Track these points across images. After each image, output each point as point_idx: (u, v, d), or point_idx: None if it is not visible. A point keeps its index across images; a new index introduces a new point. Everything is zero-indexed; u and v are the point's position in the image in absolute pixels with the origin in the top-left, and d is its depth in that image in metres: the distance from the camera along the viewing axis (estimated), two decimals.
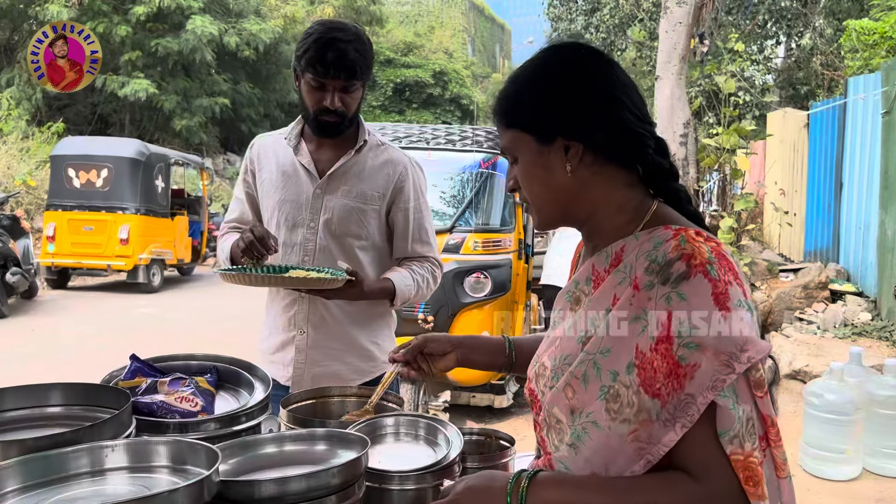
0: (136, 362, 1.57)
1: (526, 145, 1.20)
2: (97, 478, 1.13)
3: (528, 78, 1.23)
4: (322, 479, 1.20)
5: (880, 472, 4.50)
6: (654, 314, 1.06)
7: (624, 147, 1.18)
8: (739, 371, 1.03)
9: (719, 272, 1.06)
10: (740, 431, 1.04)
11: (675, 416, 1.04)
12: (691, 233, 1.11)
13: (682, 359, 1.04)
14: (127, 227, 11.83)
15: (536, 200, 1.24)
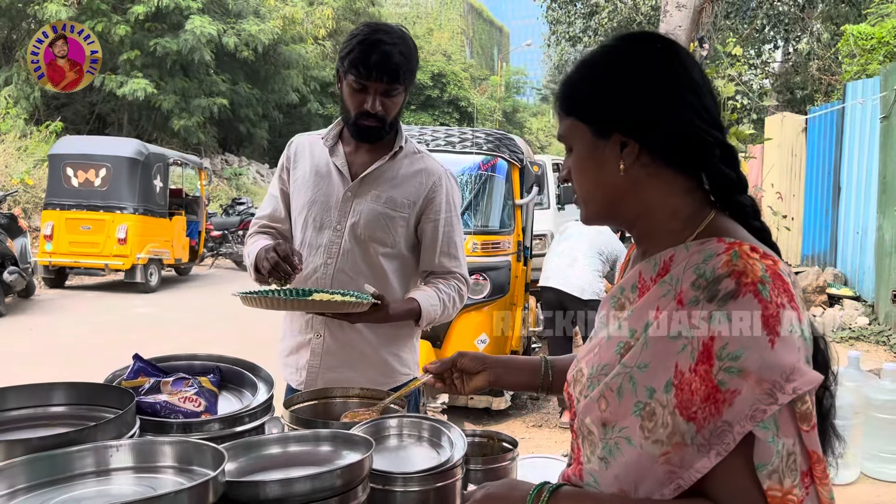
0: (138, 362, 1.57)
1: (582, 136, 1.15)
2: (102, 477, 1.13)
3: (594, 66, 1.16)
4: (327, 481, 1.20)
5: (878, 476, 4.51)
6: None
7: (686, 152, 1.11)
8: (783, 402, 0.96)
9: (772, 293, 0.98)
10: (780, 466, 0.97)
11: (711, 442, 0.98)
12: (746, 248, 1.02)
13: (721, 383, 0.97)
14: (125, 226, 11.81)
15: (585, 194, 1.18)
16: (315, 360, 2.20)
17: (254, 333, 8.46)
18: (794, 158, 10.60)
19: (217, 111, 21.57)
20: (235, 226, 15.57)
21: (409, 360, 2.27)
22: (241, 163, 24.98)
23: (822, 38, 16.64)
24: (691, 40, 8.48)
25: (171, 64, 20.60)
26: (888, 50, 10.00)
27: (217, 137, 24.45)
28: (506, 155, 5.61)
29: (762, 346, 0.96)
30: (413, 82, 2.16)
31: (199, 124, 21.41)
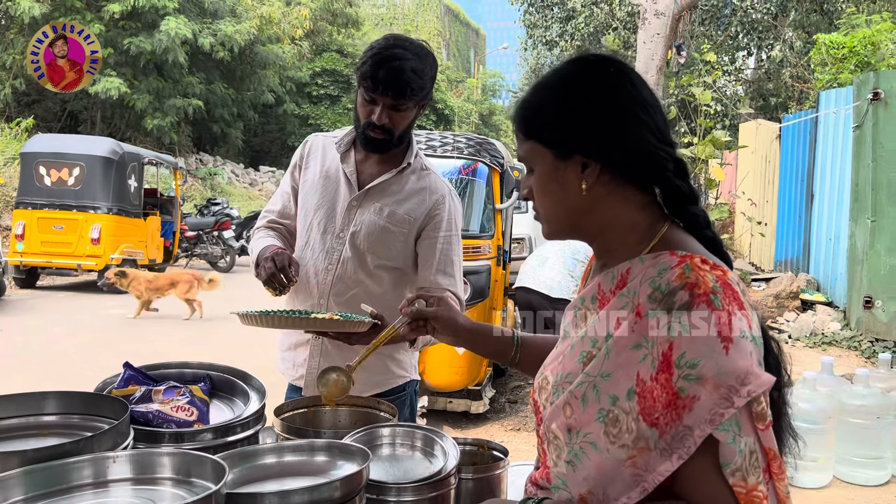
0: (129, 370, 1.56)
1: (543, 158, 1.19)
2: (100, 489, 1.12)
3: (552, 90, 1.20)
4: (325, 492, 1.20)
5: (850, 479, 4.57)
6: (656, 343, 1.04)
7: (642, 168, 1.16)
8: (739, 405, 1.00)
9: (723, 302, 1.04)
10: (743, 465, 1.02)
11: (672, 446, 1.02)
12: (696, 260, 1.08)
13: (681, 390, 1.01)
14: (98, 226, 11.66)
15: (547, 212, 1.23)
16: (314, 361, 2.21)
17: (229, 334, 8.39)
18: (767, 165, 10.74)
19: (191, 111, 21.38)
20: (210, 226, 15.43)
21: (406, 362, 2.28)
22: (216, 162, 24.77)
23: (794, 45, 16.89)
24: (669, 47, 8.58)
25: (145, 63, 20.38)
26: (859, 59, 10.18)
27: (191, 137, 24.23)
28: (486, 159, 5.63)
29: (717, 352, 1.01)
30: (427, 98, 2.17)
31: (173, 124, 21.20)
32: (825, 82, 10.54)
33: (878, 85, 7.05)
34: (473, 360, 5.32)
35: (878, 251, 7.01)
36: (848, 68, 10.51)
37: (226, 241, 15.45)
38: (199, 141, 25.09)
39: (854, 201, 7.39)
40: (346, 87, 28.72)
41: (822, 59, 11.31)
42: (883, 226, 7.00)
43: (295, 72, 27.48)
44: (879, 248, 7.00)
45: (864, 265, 7.13)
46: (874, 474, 4.58)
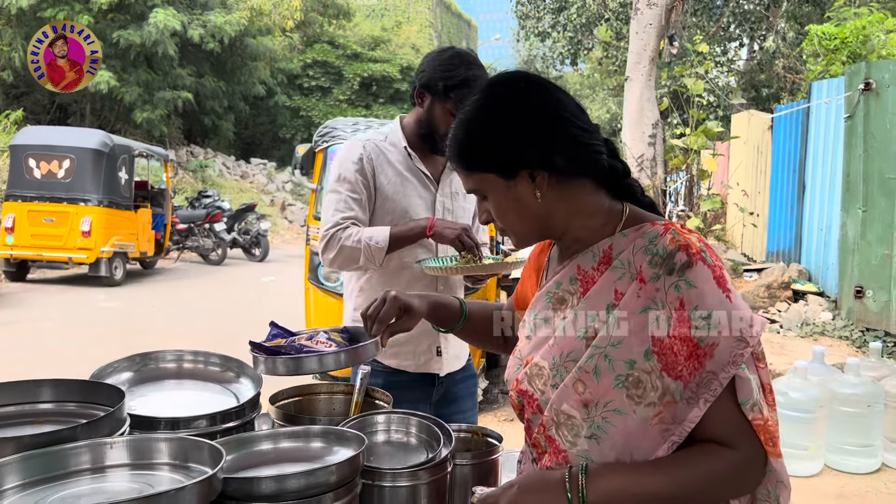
0: (275, 328, 1.69)
1: (492, 184, 1.26)
2: (98, 475, 1.12)
3: (478, 120, 1.27)
4: (320, 477, 1.20)
5: (841, 468, 4.62)
6: (666, 303, 1.14)
7: (581, 161, 1.25)
8: (752, 344, 1.13)
9: (713, 258, 1.17)
10: (758, 399, 1.15)
11: (699, 393, 1.12)
12: (678, 226, 1.20)
13: (700, 340, 1.12)
14: (89, 219, 11.60)
15: (514, 227, 1.30)
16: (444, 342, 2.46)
17: (222, 326, 8.38)
18: (759, 156, 10.77)
19: (182, 104, 21.26)
20: (201, 219, 15.38)
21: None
22: (207, 155, 24.66)
23: (786, 36, 16.92)
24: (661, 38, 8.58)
25: (135, 56, 20.25)
26: (851, 50, 10.19)
27: (182, 129, 24.09)
28: None
29: (724, 301, 1.13)
30: None
31: (163, 116, 21.08)
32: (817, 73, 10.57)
33: (869, 75, 7.06)
34: None
35: (869, 241, 7.05)
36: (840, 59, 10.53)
37: (217, 234, 15.40)
38: (189, 133, 24.95)
39: (845, 192, 7.42)
40: (338, 79, 28.59)
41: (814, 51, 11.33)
42: (874, 216, 7.03)
43: (286, 63, 27.33)
44: (870, 238, 7.04)
45: (856, 255, 7.16)
46: (865, 462, 4.62)
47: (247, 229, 16.32)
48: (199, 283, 12.94)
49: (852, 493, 4.32)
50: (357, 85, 28.36)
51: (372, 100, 28.71)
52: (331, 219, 2.39)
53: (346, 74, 28.34)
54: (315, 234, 5.38)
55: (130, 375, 1.59)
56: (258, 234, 16.20)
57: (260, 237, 16.21)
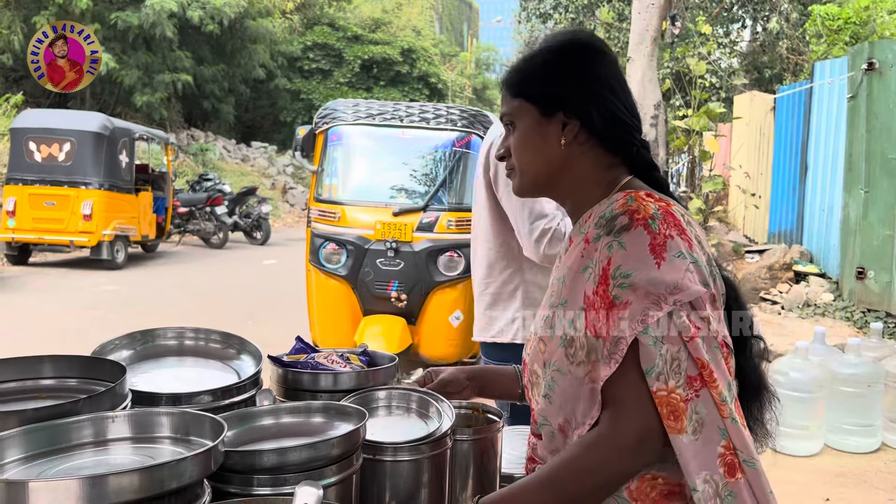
0: (299, 343, 1.77)
1: (528, 114, 1.30)
2: (100, 448, 1.13)
3: (542, 57, 1.33)
4: (322, 450, 1.21)
5: (840, 447, 4.64)
6: (598, 261, 1.18)
7: (614, 134, 1.28)
8: (666, 310, 1.12)
9: (661, 227, 1.16)
10: (664, 369, 1.12)
11: (612, 353, 1.14)
12: (642, 193, 1.22)
13: (615, 298, 1.14)
14: (90, 202, 11.60)
15: (525, 166, 1.33)
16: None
17: (224, 309, 8.41)
18: (762, 137, 10.73)
19: (181, 87, 21.18)
20: (203, 202, 15.37)
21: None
22: (208, 138, 24.62)
23: (790, 17, 16.79)
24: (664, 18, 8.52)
25: (134, 38, 20.15)
26: (854, 30, 10.14)
27: (182, 112, 24.03)
28: (480, 132, 5.60)
29: (649, 266, 1.14)
30: None
31: (163, 100, 21.02)
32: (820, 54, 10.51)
33: (872, 55, 7.03)
34: (467, 333, 5.34)
35: (871, 222, 7.04)
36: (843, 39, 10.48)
37: (218, 217, 15.40)
38: (189, 117, 24.89)
39: (848, 172, 7.40)
40: (338, 61, 28.48)
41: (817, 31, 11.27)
42: (876, 196, 7.01)
43: (286, 46, 27.21)
44: (872, 218, 7.03)
45: (857, 236, 7.15)
46: (864, 442, 4.64)
47: (248, 213, 16.33)
48: (200, 267, 12.96)
49: (852, 472, 4.34)
50: (358, 67, 28.26)
51: (373, 82, 28.62)
52: (553, 211, 2.31)
53: (347, 57, 28.23)
54: (316, 215, 5.38)
55: (132, 353, 1.59)
56: (259, 217, 16.21)
57: (261, 220, 16.22)
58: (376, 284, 5.11)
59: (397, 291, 5.11)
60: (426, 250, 5.15)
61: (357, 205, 5.36)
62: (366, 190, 5.57)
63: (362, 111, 5.61)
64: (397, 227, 5.15)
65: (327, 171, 5.60)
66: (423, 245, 5.15)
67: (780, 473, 4.24)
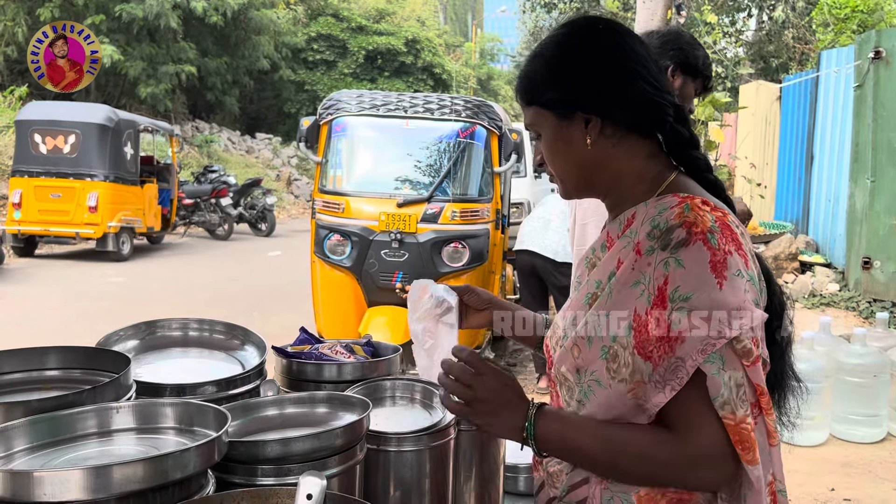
0: (304, 334, 1.77)
1: (547, 121, 1.23)
2: (104, 438, 1.13)
3: (545, 56, 1.25)
4: (325, 440, 1.21)
5: (846, 437, 4.63)
6: (653, 279, 1.09)
7: (643, 117, 1.20)
8: (729, 336, 1.05)
9: (720, 241, 1.08)
10: (730, 398, 1.06)
11: (666, 378, 1.07)
12: (697, 201, 1.12)
13: (674, 323, 1.06)
14: (95, 194, 11.62)
15: (560, 173, 1.27)
16: None
17: (229, 300, 8.43)
18: (768, 127, 10.69)
19: (185, 78, 21.16)
20: (208, 194, 15.38)
21: None
22: (213, 130, 24.61)
23: (796, 6, 16.68)
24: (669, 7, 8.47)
25: (138, 30, 20.13)
26: (861, 19, 10.08)
27: (186, 104, 24.02)
28: (484, 122, 5.59)
29: (711, 287, 1.06)
30: None
31: (168, 91, 21.01)
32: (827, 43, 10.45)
33: (879, 44, 6.98)
34: None
35: (877, 212, 7.01)
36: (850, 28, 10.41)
37: (223, 209, 15.42)
38: (194, 108, 24.88)
39: (854, 162, 7.37)
40: (343, 52, 28.41)
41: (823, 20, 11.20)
42: (882, 186, 6.98)
43: (290, 37, 27.15)
44: (878, 208, 7.00)
45: (863, 226, 7.13)
46: (870, 432, 4.64)
47: (253, 204, 16.33)
48: (205, 259, 12.98)
49: (858, 462, 4.34)
50: (362, 58, 28.19)
51: (377, 73, 28.55)
52: None
53: (351, 48, 28.15)
54: (321, 207, 5.37)
55: (136, 343, 1.60)
56: (264, 208, 16.22)
57: (266, 212, 16.23)
58: (381, 275, 5.11)
59: (402, 282, 5.11)
60: (430, 241, 5.14)
61: (361, 196, 5.36)
62: (370, 181, 5.56)
63: (366, 102, 5.60)
64: (402, 219, 5.14)
65: (331, 162, 5.60)
66: (428, 236, 5.14)
67: (785, 463, 4.22)
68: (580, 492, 1.20)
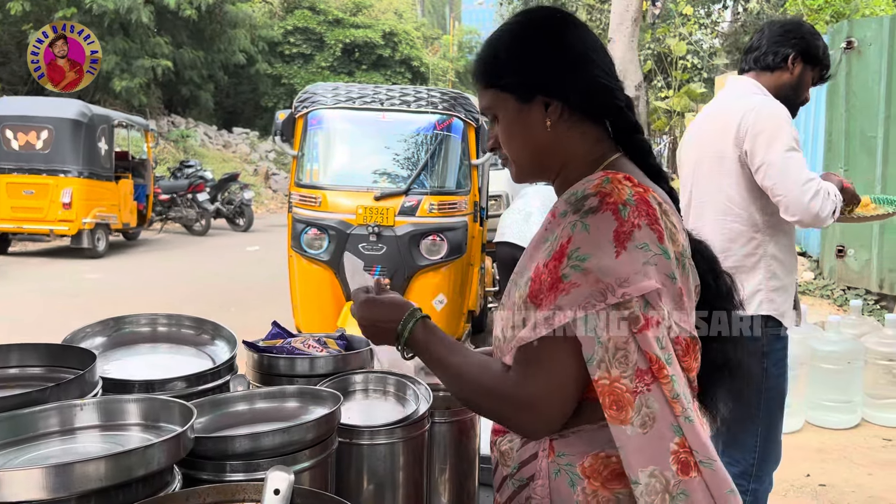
0: (275, 328, 1.76)
1: (506, 104, 1.26)
2: (67, 436, 1.11)
3: (506, 41, 1.29)
4: (296, 435, 1.20)
5: (821, 423, 4.69)
6: (558, 236, 1.15)
7: (597, 103, 1.25)
8: (610, 302, 1.09)
9: (631, 214, 1.12)
10: (605, 357, 1.10)
11: (539, 322, 1.13)
12: (619, 176, 1.17)
13: (564, 276, 1.12)
14: (69, 190, 11.47)
15: (516, 155, 1.30)
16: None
17: (207, 296, 8.36)
18: None
19: (160, 72, 20.93)
20: (184, 189, 15.23)
21: None
22: (189, 125, 24.36)
23: None
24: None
25: (110, 23, 19.85)
26: (835, 10, 10.16)
27: (162, 99, 23.74)
28: (461, 114, 5.58)
29: (607, 254, 1.11)
30: None
31: (142, 86, 20.75)
32: None
33: (851, 34, 7.04)
34: (451, 316, 5.34)
35: None
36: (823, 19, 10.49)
37: (200, 204, 15.28)
38: (169, 103, 24.60)
39: (827, 151, 7.43)
40: (320, 46, 28.21)
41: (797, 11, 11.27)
42: (855, 174, 7.04)
43: (266, 31, 26.90)
44: None
45: None
46: (844, 418, 4.70)
47: (230, 199, 16.21)
48: (183, 254, 12.87)
49: (832, 448, 4.39)
50: (339, 51, 28.01)
51: (355, 66, 28.39)
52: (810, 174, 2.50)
53: (328, 41, 27.96)
54: (297, 201, 5.34)
55: (104, 340, 1.58)
56: (242, 203, 16.10)
57: (243, 207, 16.11)
58: None
59: (380, 276, 5.09)
60: (408, 234, 5.13)
61: (338, 189, 5.33)
62: (347, 174, 5.53)
63: (342, 95, 5.56)
64: (379, 212, 5.12)
65: (308, 156, 5.56)
66: (406, 229, 5.13)
67: None
68: (530, 467, 1.22)
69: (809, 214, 2.45)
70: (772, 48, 2.60)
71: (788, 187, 2.45)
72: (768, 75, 2.62)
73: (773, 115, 2.51)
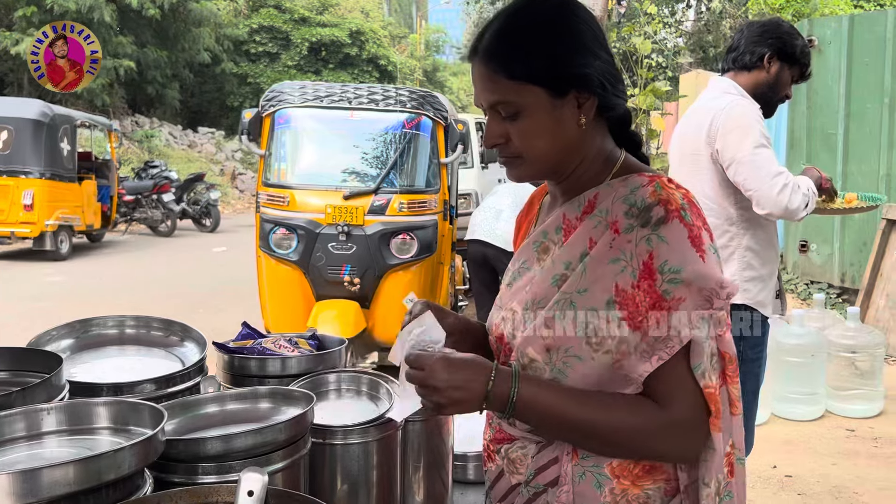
0: (246, 328, 1.74)
1: (535, 98, 1.14)
2: (34, 441, 1.09)
3: (530, 27, 1.15)
4: (268, 436, 1.19)
5: (787, 416, 4.76)
6: (635, 255, 1.10)
7: (616, 98, 1.19)
8: (717, 307, 1.09)
9: (692, 217, 1.12)
10: (707, 365, 1.11)
11: (655, 348, 1.09)
12: (664, 180, 1.16)
13: (665, 293, 1.08)
14: (31, 192, 11.24)
15: (539, 153, 1.18)
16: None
17: (174, 298, 8.26)
18: None
19: (124, 72, 20.62)
20: (149, 189, 15.02)
21: None
22: (153, 124, 24.03)
23: None
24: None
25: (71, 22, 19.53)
26: (797, 8, 10.33)
27: (126, 98, 23.39)
28: (430, 113, 5.57)
29: (695, 260, 1.09)
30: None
31: (105, 86, 20.42)
32: None
33: (811, 32, 7.17)
34: None
35: None
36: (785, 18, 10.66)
37: (165, 205, 15.08)
38: (133, 103, 24.24)
39: (790, 148, 7.56)
40: (286, 44, 27.99)
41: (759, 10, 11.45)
42: None
43: (231, 29, 26.63)
44: None
45: None
46: (809, 410, 4.78)
47: (196, 199, 16.01)
48: (148, 255, 12.69)
49: (798, 439, 4.47)
50: (306, 50, 27.81)
51: (321, 65, 28.21)
52: (780, 168, 2.57)
53: (294, 39, 27.75)
54: (265, 200, 5.29)
55: (70, 343, 1.55)
56: (208, 203, 15.91)
57: (210, 207, 15.93)
58: (328, 269, 5.05)
59: (350, 275, 5.06)
60: (378, 233, 5.11)
61: (307, 189, 5.28)
62: (315, 173, 5.49)
63: (309, 93, 5.52)
64: (348, 211, 5.09)
65: (275, 155, 5.51)
66: (375, 228, 5.11)
67: None
68: (549, 472, 1.18)
69: (779, 207, 2.52)
70: (749, 48, 2.68)
71: (758, 182, 2.52)
72: (746, 75, 2.69)
73: (743, 115, 2.59)
